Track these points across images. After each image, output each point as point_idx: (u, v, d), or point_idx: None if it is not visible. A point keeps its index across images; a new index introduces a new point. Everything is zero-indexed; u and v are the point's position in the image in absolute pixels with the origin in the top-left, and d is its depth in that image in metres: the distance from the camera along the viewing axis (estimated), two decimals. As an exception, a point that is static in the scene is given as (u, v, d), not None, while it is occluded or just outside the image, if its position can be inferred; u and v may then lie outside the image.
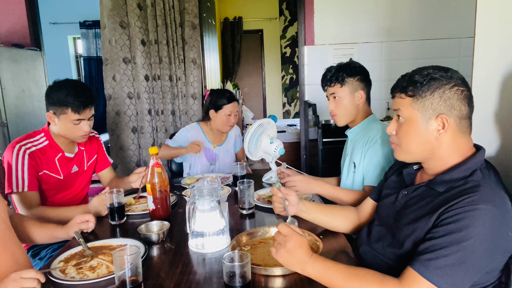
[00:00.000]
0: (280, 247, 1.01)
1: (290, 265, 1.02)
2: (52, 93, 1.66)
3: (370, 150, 1.58)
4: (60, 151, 1.76)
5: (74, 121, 1.67)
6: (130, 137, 3.22)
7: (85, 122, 1.70)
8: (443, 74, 0.99)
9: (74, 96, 1.64)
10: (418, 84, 1.00)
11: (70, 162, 1.80)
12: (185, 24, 3.14)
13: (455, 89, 0.98)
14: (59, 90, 1.65)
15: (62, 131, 1.71)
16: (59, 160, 1.76)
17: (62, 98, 1.63)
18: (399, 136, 1.08)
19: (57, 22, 5.48)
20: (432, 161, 1.05)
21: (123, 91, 3.13)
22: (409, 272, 0.91)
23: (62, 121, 1.68)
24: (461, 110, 0.99)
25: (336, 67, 1.65)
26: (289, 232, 1.01)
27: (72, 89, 1.65)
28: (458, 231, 0.88)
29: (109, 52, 3.09)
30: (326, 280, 0.98)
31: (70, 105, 1.64)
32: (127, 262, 0.98)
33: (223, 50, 6.52)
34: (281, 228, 1.03)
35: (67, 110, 1.65)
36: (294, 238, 1.00)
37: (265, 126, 1.90)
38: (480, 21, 1.23)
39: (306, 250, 1.01)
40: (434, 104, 0.99)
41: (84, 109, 1.67)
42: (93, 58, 5.54)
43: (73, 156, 1.82)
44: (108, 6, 3.00)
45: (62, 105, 1.64)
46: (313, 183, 1.63)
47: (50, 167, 1.72)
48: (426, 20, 3.20)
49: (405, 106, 1.04)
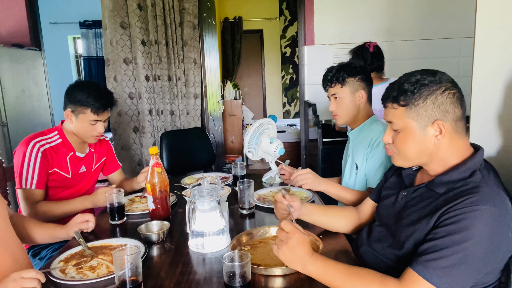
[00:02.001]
0: (282, 244, 1.01)
1: (291, 263, 1.01)
2: (74, 92, 1.69)
3: (372, 152, 1.58)
4: (72, 150, 1.78)
5: (91, 121, 1.70)
6: (132, 136, 3.23)
7: (101, 124, 1.74)
8: (432, 79, 0.99)
9: (95, 97, 1.67)
10: (409, 92, 0.99)
11: (80, 162, 1.82)
12: (184, 24, 3.14)
13: (447, 93, 0.97)
14: (82, 90, 1.68)
15: (77, 130, 1.73)
16: (70, 159, 1.78)
17: (84, 99, 1.67)
18: (396, 145, 1.07)
19: (57, 22, 5.48)
20: (432, 164, 1.04)
21: (124, 91, 3.14)
22: (409, 273, 0.91)
23: (79, 120, 1.71)
24: (455, 113, 0.99)
25: (337, 67, 1.65)
26: (292, 229, 1.01)
27: (94, 91, 1.68)
28: (458, 232, 0.88)
29: (110, 53, 3.09)
30: (326, 279, 0.98)
31: (91, 106, 1.67)
32: (127, 262, 0.98)
33: (223, 50, 6.52)
34: (284, 225, 1.02)
35: (86, 110, 1.68)
36: (296, 236, 1.00)
37: (265, 126, 1.90)
38: (480, 21, 1.23)
39: (308, 248, 1.01)
40: (428, 111, 0.98)
41: (104, 112, 1.72)
42: (93, 58, 5.54)
43: (83, 156, 1.84)
44: (108, 7, 3.00)
45: (82, 105, 1.68)
46: (320, 179, 1.63)
47: (60, 165, 1.74)
48: (426, 20, 3.20)
49: (398, 117, 1.03)
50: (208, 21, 3.58)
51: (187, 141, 2.96)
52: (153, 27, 3.08)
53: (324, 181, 1.63)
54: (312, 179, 1.61)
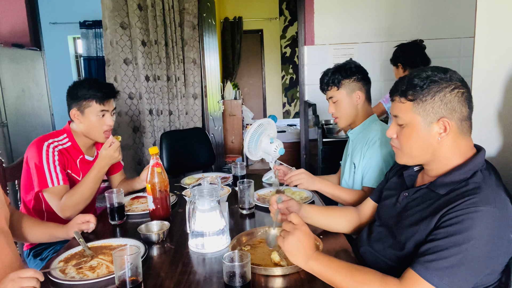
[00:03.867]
0: (289, 235, 1.01)
1: (294, 255, 1.01)
2: (75, 90, 1.70)
3: (369, 151, 1.58)
4: (81, 153, 1.78)
5: (99, 113, 1.70)
6: (132, 137, 3.24)
7: (108, 115, 1.73)
8: (442, 76, 0.98)
9: (97, 88, 1.69)
10: (418, 88, 0.99)
11: (89, 165, 1.80)
12: (184, 24, 3.14)
13: (456, 91, 0.97)
14: (82, 86, 1.69)
15: (86, 128, 1.72)
16: (80, 162, 1.77)
17: (86, 92, 1.68)
18: (400, 140, 1.07)
19: (57, 22, 5.47)
20: (434, 163, 1.04)
21: (124, 91, 3.14)
22: (409, 273, 0.91)
23: (86, 116, 1.70)
24: (462, 112, 0.98)
25: (332, 70, 1.65)
26: (300, 221, 1.02)
27: (94, 83, 1.70)
28: (459, 233, 0.87)
29: (110, 53, 3.10)
30: (327, 275, 0.98)
31: (94, 96, 1.68)
32: (127, 262, 0.98)
33: (223, 50, 6.52)
34: (292, 218, 1.03)
35: (91, 102, 1.68)
36: (303, 228, 1.01)
37: (265, 126, 1.90)
38: (480, 21, 1.23)
39: (313, 243, 1.02)
40: (435, 108, 0.98)
41: (108, 100, 1.72)
42: (93, 58, 5.53)
43: (92, 159, 1.83)
44: (109, 7, 3.00)
45: (86, 98, 1.68)
46: (314, 178, 1.64)
47: (72, 167, 1.73)
48: (426, 20, 3.20)
49: (405, 111, 1.02)
50: (208, 21, 3.58)
51: (187, 141, 2.95)
52: (153, 27, 3.08)
53: (319, 180, 1.63)
54: (306, 178, 1.61)
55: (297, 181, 1.62)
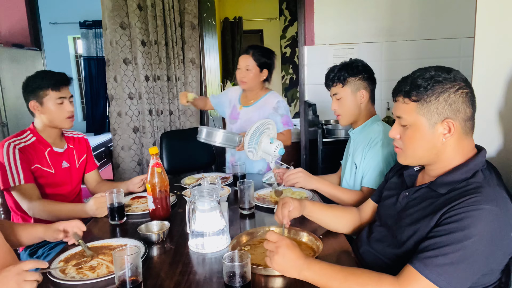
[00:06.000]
0: (273, 254, 1.00)
1: (286, 271, 1.00)
2: (30, 83, 1.75)
3: (370, 151, 1.58)
4: (48, 145, 1.81)
5: (57, 100, 1.74)
6: (132, 137, 3.23)
7: (67, 101, 1.79)
8: (446, 76, 0.97)
9: (50, 76, 1.75)
10: (422, 88, 0.98)
11: (60, 157, 1.84)
12: (184, 24, 3.14)
13: (460, 92, 0.96)
14: (35, 78, 1.75)
15: (48, 117, 1.76)
16: (49, 155, 1.80)
17: (40, 82, 1.73)
18: (403, 141, 1.06)
19: (57, 22, 5.48)
20: (436, 163, 1.04)
21: (124, 92, 3.14)
22: (407, 269, 0.91)
23: (46, 106, 1.74)
24: (466, 113, 0.98)
25: (339, 67, 1.64)
26: (278, 237, 1.01)
27: (46, 73, 1.78)
28: (460, 230, 0.87)
29: (110, 53, 3.10)
30: (323, 282, 0.97)
31: (49, 85, 1.73)
32: (127, 262, 0.98)
33: (223, 50, 6.51)
34: (270, 236, 1.02)
35: (47, 91, 1.73)
36: (284, 242, 0.99)
37: (265, 126, 1.90)
38: (480, 21, 1.23)
39: (299, 252, 1.00)
40: (439, 109, 0.97)
41: (64, 87, 1.77)
42: (93, 58, 5.54)
43: (62, 151, 1.86)
44: (108, 7, 3.00)
45: (42, 88, 1.73)
46: (312, 177, 1.64)
47: (41, 161, 1.76)
48: (426, 20, 3.19)
49: (408, 112, 1.01)
50: (208, 21, 3.58)
51: (187, 141, 2.95)
52: (153, 28, 3.08)
53: (317, 179, 1.63)
54: (303, 177, 1.62)
55: (294, 180, 1.62)
